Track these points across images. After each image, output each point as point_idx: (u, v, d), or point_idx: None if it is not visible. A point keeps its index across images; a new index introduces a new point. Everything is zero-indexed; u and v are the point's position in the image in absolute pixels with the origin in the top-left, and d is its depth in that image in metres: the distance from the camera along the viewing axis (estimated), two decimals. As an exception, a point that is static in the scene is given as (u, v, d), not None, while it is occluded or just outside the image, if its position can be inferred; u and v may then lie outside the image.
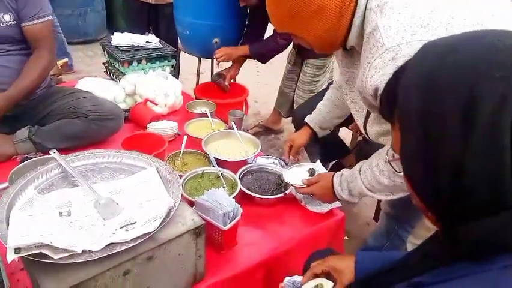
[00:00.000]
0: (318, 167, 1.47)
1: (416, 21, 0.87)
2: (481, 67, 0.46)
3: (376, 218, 2.12)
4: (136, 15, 2.99)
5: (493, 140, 0.45)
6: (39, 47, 1.68)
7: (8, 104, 1.58)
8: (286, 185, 1.49)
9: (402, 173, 0.58)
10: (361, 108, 1.24)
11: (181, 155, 1.63)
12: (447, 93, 0.48)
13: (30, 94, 1.69)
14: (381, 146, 1.23)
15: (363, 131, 1.30)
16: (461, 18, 0.87)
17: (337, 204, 1.42)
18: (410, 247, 1.47)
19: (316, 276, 1.01)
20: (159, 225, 0.92)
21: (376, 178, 1.16)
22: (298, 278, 1.04)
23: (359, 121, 1.28)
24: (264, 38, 2.45)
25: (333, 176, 1.31)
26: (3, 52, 1.63)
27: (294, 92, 2.62)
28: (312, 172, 1.44)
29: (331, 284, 0.99)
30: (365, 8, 0.97)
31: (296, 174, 1.45)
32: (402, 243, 1.72)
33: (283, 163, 1.59)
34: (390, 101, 0.58)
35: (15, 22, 1.60)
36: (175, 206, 0.98)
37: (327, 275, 1.01)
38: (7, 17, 1.59)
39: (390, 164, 0.63)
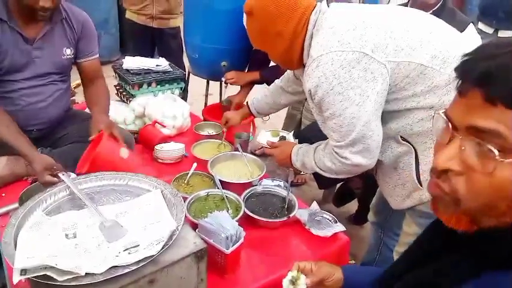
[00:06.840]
0: (290, 136, 1.68)
1: (335, 37, 1.16)
2: None
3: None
4: (140, 38, 3.09)
5: None
6: (97, 77, 1.86)
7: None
8: (291, 208, 1.49)
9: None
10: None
11: (188, 178, 1.65)
12: None
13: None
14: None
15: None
16: (373, 34, 1.14)
17: (341, 228, 1.42)
18: (396, 257, 1.43)
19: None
20: (161, 249, 0.94)
21: (323, 160, 1.36)
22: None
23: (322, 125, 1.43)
24: (270, 63, 2.49)
25: (293, 146, 1.51)
26: (54, 81, 1.75)
27: (301, 113, 2.64)
28: (282, 138, 1.66)
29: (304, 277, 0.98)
30: (312, 31, 1.24)
31: (268, 137, 1.71)
32: (392, 254, 1.70)
33: (287, 185, 1.61)
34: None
35: (72, 56, 1.77)
36: (177, 229, 1.00)
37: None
38: (68, 51, 1.74)
39: None
